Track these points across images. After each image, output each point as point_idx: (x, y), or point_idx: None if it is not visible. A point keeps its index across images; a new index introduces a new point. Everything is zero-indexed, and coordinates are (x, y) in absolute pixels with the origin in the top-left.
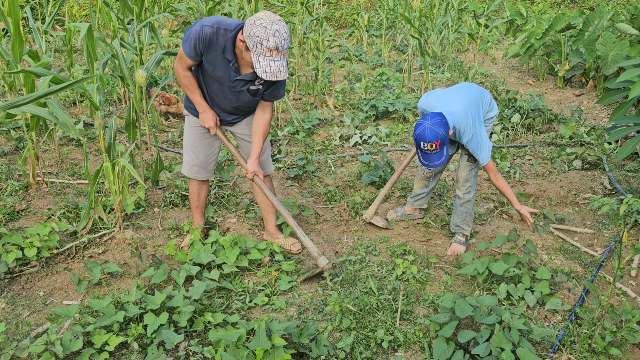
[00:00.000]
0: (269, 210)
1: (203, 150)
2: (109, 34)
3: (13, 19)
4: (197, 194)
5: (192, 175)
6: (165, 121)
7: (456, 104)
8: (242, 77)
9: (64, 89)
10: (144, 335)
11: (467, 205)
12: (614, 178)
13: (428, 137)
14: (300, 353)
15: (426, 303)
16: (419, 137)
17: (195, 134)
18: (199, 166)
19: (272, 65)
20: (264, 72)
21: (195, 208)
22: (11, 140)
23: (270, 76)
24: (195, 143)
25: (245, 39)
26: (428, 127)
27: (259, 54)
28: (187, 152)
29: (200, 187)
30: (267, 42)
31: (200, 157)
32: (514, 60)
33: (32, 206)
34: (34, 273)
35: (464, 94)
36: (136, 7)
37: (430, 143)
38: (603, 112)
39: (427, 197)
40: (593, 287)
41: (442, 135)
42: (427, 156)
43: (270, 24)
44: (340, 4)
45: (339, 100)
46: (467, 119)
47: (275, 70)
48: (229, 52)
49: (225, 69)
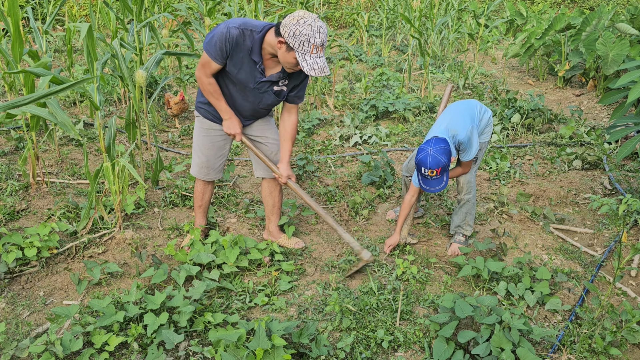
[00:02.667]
0: (275, 212)
1: (214, 153)
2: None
3: (13, 18)
4: (201, 194)
5: (202, 177)
6: (179, 124)
7: (450, 115)
8: (268, 79)
9: (64, 90)
10: (144, 335)
11: (467, 205)
12: (614, 178)
13: (429, 164)
14: (300, 353)
15: (426, 303)
16: (420, 162)
17: (206, 136)
18: (209, 168)
19: (318, 62)
20: (312, 70)
21: (198, 207)
22: (11, 140)
23: (318, 72)
24: (206, 146)
25: (288, 39)
26: (430, 154)
27: (305, 52)
28: (197, 154)
29: (206, 188)
30: (315, 39)
31: (212, 160)
32: (514, 60)
33: (32, 206)
34: (34, 273)
35: (458, 111)
36: (136, 7)
37: (431, 170)
38: (603, 112)
39: (419, 197)
40: (593, 287)
41: (443, 163)
42: (427, 181)
43: (314, 21)
44: (340, 4)
45: (339, 100)
46: (460, 123)
47: (322, 67)
48: (255, 53)
49: (251, 70)
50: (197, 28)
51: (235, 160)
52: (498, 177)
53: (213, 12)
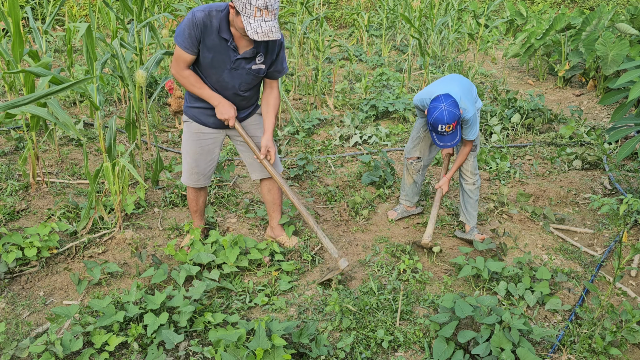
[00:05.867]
0: (275, 209)
1: (204, 158)
2: (109, 34)
3: (13, 18)
4: (195, 200)
5: (192, 184)
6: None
7: (455, 86)
8: (242, 55)
9: (64, 90)
10: (144, 335)
11: (476, 192)
12: (614, 178)
13: (447, 119)
14: (300, 353)
15: (426, 303)
16: (437, 120)
17: (196, 140)
18: (199, 174)
19: (262, 26)
20: (256, 34)
21: (194, 212)
22: (11, 140)
23: (262, 36)
24: (196, 150)
25: (234, 2)
26: (445, 110)
27: (249, 16)
28: (187, 161)
29: (198, 194)
30: (257, 1)
31: (201, 165)
32: (514, 60)
33: (32, 206)
34: (34, 273)
35: (458, 81)
36: (136, 7)
37: (448, 125)
38: (603, 112)
39: (419, 190)
40: (593, 287)
41: (457, 116)
42: (442, 137)
43: None
44: (340, 4)
45: (339, 100)
46: (469, 97)
47: (267, 31)
48: (224, 31)
49: (225, 50)
50: None
51: (235, 160)
52: (498, 177)
53: None
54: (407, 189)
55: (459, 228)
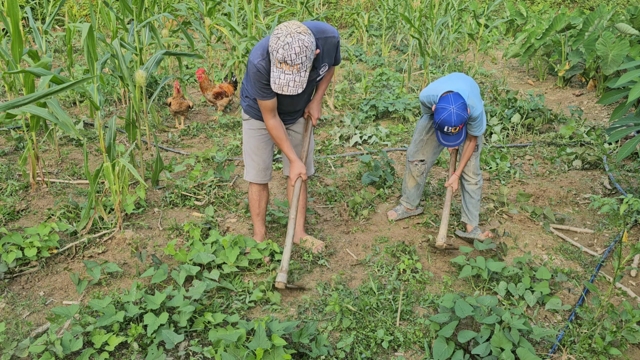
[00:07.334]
0: (301, 211)
1: (267, 151)
2: (109, 34)
3: (13, 18)
4: (258, 201)
5: (259, 180)
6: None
7: (462, 84)
8: (316, 73)
9: (64, 89)
10: (144, 335)
11: (478, 192)
12: (614, 178)
13: (455, 122)
14: (300, 353)
15: (426, 303)
16: (444, 122)
17: (256, 137)
18: (266, 168)
19: (281, 78)
20: (274, 83)
21: (256, 216)
22: (11, 140)
23: (277, 88)
24: (259, 145)
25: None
26: (454, 112)
27: (273, 64)
28: (250, 157)
29: (262, 193)
30: (277, 54)
31: (265, 159)
32: (514, 60)
33: (32, 206)
34: (34, 273)
35: (464, 79)
36: (136, 7)
37: (455, 127)
38: (603, 112)
39: (421, 193)
40: (593, 287)
41: (465, 119)
42: (447, 137)
43: (285, 35)
44: (340, 4)
45: (339, 100)
46: (476, 94)
47: (283, 84)
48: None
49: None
50: (197, 28)
51: (235, 160)
52: (498, 177)
53: (213, 12)
54: (408, 192)
55: (459, 228)
